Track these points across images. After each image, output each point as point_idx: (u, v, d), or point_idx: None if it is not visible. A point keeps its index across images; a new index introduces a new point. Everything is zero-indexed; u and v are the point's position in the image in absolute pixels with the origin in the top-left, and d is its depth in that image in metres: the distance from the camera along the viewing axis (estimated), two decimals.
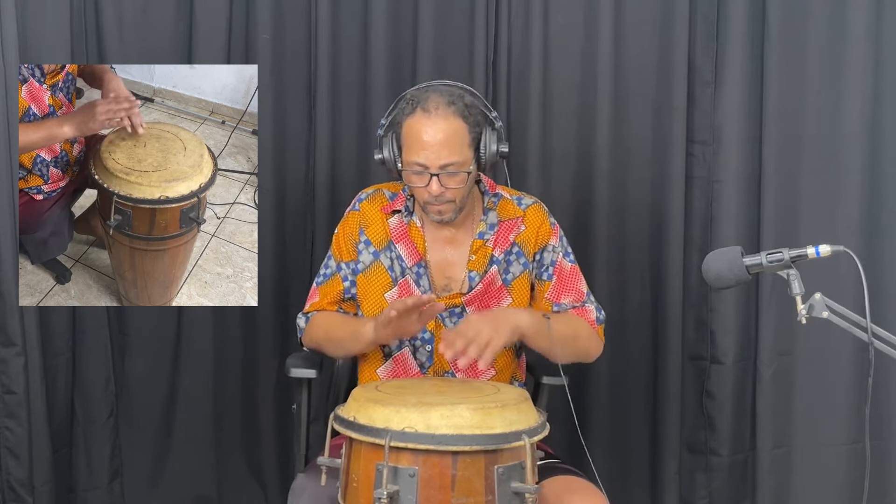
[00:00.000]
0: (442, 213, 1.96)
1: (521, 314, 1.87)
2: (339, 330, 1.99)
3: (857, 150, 2.78)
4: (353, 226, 2.07)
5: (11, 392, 2.54)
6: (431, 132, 1.87)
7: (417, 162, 1.89)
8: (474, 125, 1.92)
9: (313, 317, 2.07)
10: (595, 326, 2.04)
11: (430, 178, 1.89)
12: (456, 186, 1.91)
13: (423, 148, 1.88)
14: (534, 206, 2.09)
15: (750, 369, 2.83)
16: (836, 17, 2.76)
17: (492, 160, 1.97)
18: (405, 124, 1.92)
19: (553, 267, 2.05)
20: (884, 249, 2.79)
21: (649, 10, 2.78)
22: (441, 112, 1.88)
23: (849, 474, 2.81)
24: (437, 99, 1.90)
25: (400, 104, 1.96)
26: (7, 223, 2.47)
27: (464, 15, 2.74)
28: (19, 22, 2.47)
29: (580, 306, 2.04)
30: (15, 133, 2.41)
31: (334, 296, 2.07)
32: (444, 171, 1.89)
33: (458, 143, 1.89)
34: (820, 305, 1.57)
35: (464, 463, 1.50)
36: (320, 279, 2.10)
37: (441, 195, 1.91)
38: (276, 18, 2.74)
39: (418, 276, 2.02)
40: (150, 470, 2.84)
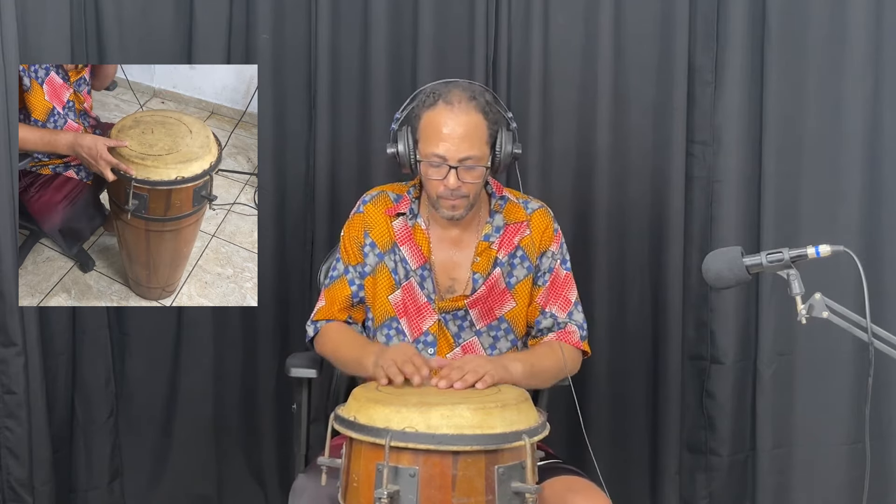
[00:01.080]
0: (455, 209, 1.96)
1: (516, 366, 1.86)
2: (346, 352, 1.98)
3: (857, 150, 2.78)
4: (357, 228, 2.07)
5: (11, 392, 2.54)
6: (453, 125, 1.88)
7: (437, 154, 1.90)
8: (493, 123, 1.94)
9: (322, 328, 2.06)
10: (579, 345, 2.04)
11: (448, 171, 1.90)
12: (472, 181, 1.92)
13: (443, 140, 1.89)
14: (540, 210, 2.09)
15: (750, 369, 2.83)
16: (836, 17, 2.76)
17: (506, 160, 1.98)
18: (424, 116, 1.92)
19: (550, 273, 2.05)
20: (884, 249, 2.79)
21: (649, 10, 2.78)
22: (463, 106, 1.89)
23: (849, 474, 2.81)
24: (460, 93, 1.91)
25: (419, 97, 1.96)
26: (7, 223, 2.47)
27: (464, 14, 2.74)
28: (19, 22, 2.47)
29: (564, 324, 2.03)
30: (15, 133, 2.41)
31: (342, 301, 2.05)
32: (463, 165, 1.89)
33: (477, 138, 1.90)
34: (820, 305, 1.57)
35: (464, 463, 1.50)
36: (328, 282, 2.09)
37: (457, 189, 1.91)
38: (276, 18, 2.74)
39: (423, 278, 2.02)
40: (150, 470, 2.84)
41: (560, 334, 2.03)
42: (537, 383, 1.96)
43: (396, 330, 2.02)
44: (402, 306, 2.02)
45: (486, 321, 2.02)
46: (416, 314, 2.01)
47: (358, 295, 2.05)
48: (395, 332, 2.02)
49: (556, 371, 1.98)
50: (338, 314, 2.05)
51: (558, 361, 1.97)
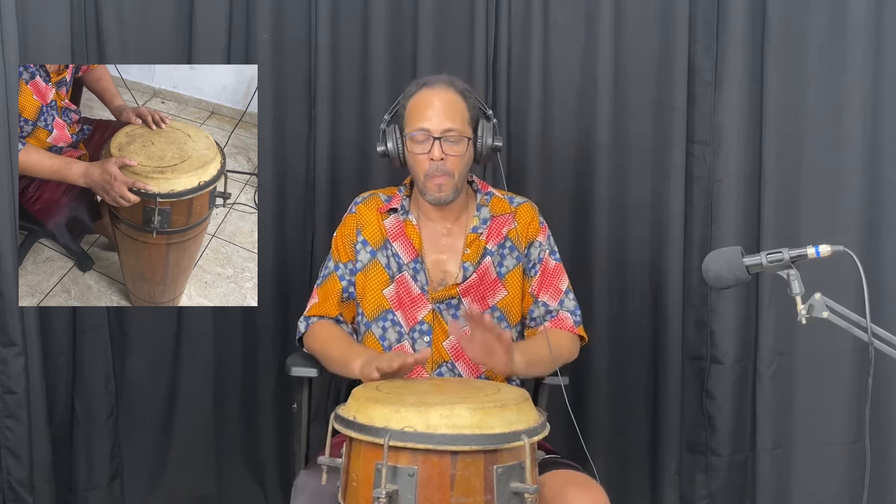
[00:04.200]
0: (441, 189, 2.01)
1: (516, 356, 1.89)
2: (333, 351, 2.01)
3: (857, 150, 2.78)
4: (350, 227, 2.12)
5: (11, 392, 2.54)
6: (434, 100, 2.01)
7: (421, 128, 1.99)
8: (472, 107, 2.05)
9: (312, 325, 2.09)
10: (574, 330, 2.09)
11: (432, 143, 1.97)
12: (455, 154, 2.00)
13: (425, 115, 2.00)
14: (525, 204, 2.15)
15: (750, 369, 2.83)
16: (836, 17, 2.76)
17: (487, 150, 2.05)
18: (409, 103, 2.04)
19: (539, 264, 2.10)
20: (884, 249, 2.79)
21: (649, 10, 2.78)
22: (443, 86, 2.03)
23: (849, 474, 2.82)
24: (439, 78, 2.05)
25: (402, 95, 2.08)
26: (7, 223, 2.48)
27: (464, 15, 2.74)
28: (19, 22, 2.48)
29: (556, 311, 2.08)
30: (15, 133, 2.41)
31: (334, 296, 2.09)
32: (446, 138, 1.98)
33: (458, 114, 2.01)
34: (820, 305, 1.57)
35: (463, 463, 1.49)
36: (319, 280, 2.14)
37: (442, 164, 1.98)
38: (276, 18, 2.74)
39: (415, 272, 2.06)
40: (150, 470, 2.84)
41: (553, 322, 2.08)
42: (536, 372, 2.00)
43: (392, 322, 2.06)
44: (397, 299, 2.05)
45: (479, 310, 2.04)
46: (410, 306, 2.05)
47: (348, 290, 2.09)
48: (390, 323, 2.06)
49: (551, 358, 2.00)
50: (330, 310, 2.09)
51: (557, 350, 2.00)
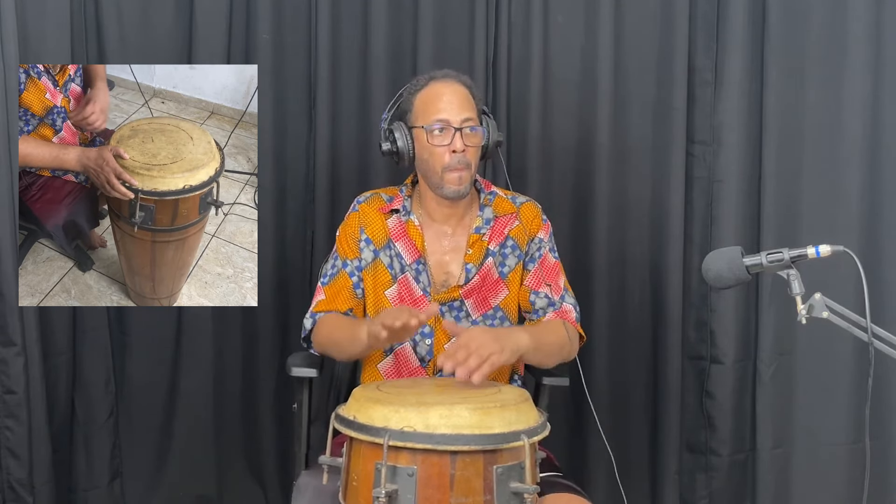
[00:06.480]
0: (461, 181, 2.00)
1: (522, 336, 1.85)
2: (340, 332, 1.99)
3: (857, 150, 2.78)
4: (353, 225, 2.10)
5: (11, 392, 2.54)
6: (449, 92, 2.01)
7: (440, 119, 1.98)
8: (477, 100, 2.06)
9: (320, 319, 2.06)
10: (576, 325, 2.07)
11: (454, 134, 1.97)
12: (474, 145, 2.00)
13: (443, 105, 1.99)
14: (528, 203, 2.14)
15: (750, 369, 2.83)
16: (836, 18, 2.76)
17: (492, 145, 2.06)
18: (418, 96, 2.03)
19: (538, 258, 2.09)
20: (884, 249, 2.79)
21: (649, 10, 2.78)
22: (452, 79, 2.04)
23: (849, 474, 2.82)
24: (445, 72, 2.06)
25: (405, 91, 2.07)
26: (7, 223, 2.48)
27: (464, 15, 2.74)
28: (19, 22, 2.48)
29: (559, 304, 2.06)
30: (15, 133, 2.41)
31: (345, 292, 2.06)
32: (465, 127, 1.99)
33: (470, 105, 2.02)
34: (820, 305, 1.57)
35: (462, 463, 1.49)
36: (325, 279, 2.10)
37: (463, 156, 1.98)
38: (276, 18, 2.74)
39: (417, 272, 2.05)
40: (150, 470, 2.84)
41: (558, 313, 2.05)
42: (542, 358, 1.96)
43: None
44: (399, 300, 2.04)
45: (481, 311, 2.05)
46: (412, 307, 2.01)
47: (359, 286, 2.07)
48: None
49: (559, 346, 1.98)
50: (340, 306, 2.06)
51: (561, 338, 1.99)
